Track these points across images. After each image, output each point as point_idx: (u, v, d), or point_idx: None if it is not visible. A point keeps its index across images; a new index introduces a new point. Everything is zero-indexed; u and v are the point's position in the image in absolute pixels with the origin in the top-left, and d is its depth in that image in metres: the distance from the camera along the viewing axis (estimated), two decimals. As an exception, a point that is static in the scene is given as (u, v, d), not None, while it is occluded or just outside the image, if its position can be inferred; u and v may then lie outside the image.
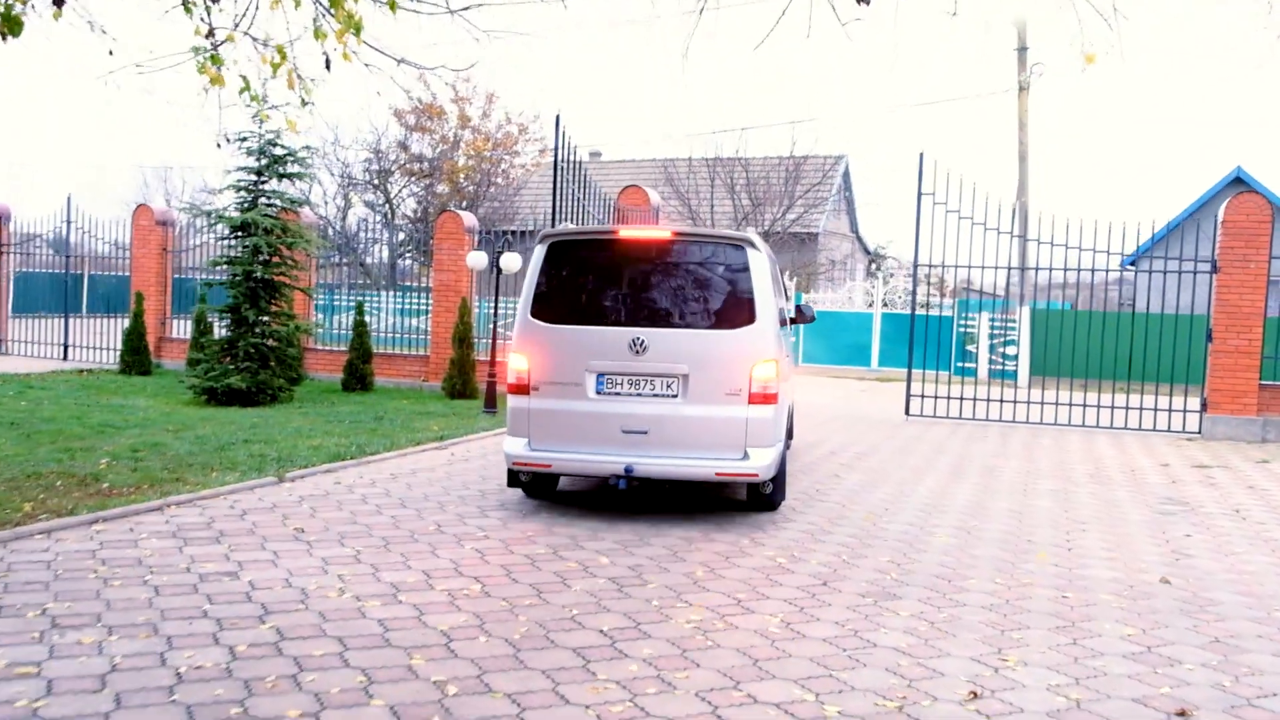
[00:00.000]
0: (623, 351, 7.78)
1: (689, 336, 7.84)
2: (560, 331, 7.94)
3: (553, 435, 7.90)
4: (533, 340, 7.99)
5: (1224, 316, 14.41)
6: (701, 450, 7.72)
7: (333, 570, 6.26)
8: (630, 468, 7.68)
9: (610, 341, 7.82)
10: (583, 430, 7.84)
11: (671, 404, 7.75)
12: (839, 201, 38.30)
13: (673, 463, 7.74)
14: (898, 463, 11.37)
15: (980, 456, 12.10)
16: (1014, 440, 13.76)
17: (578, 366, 7.85)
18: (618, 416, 7.78)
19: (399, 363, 18.43)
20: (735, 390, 7.69)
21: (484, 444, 11.73)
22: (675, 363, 7.74)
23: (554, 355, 7.93)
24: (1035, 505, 9.16)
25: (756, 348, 7.77)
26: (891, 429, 14.59)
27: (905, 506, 8.90)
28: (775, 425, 7.90)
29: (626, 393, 7.82)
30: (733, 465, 7.70)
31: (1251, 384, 14.38)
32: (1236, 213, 14.30)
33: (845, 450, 12.20)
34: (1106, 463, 11.97)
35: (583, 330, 7.92)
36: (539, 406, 7.93)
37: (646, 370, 7.77)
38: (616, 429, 7.78)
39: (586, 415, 7.84)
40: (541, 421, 7.92)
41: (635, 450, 7.75)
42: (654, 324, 7.87)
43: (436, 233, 17.84)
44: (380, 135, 39.31)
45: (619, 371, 7.81)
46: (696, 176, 34.61)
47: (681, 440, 7.73)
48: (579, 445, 7.85)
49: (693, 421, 7.71)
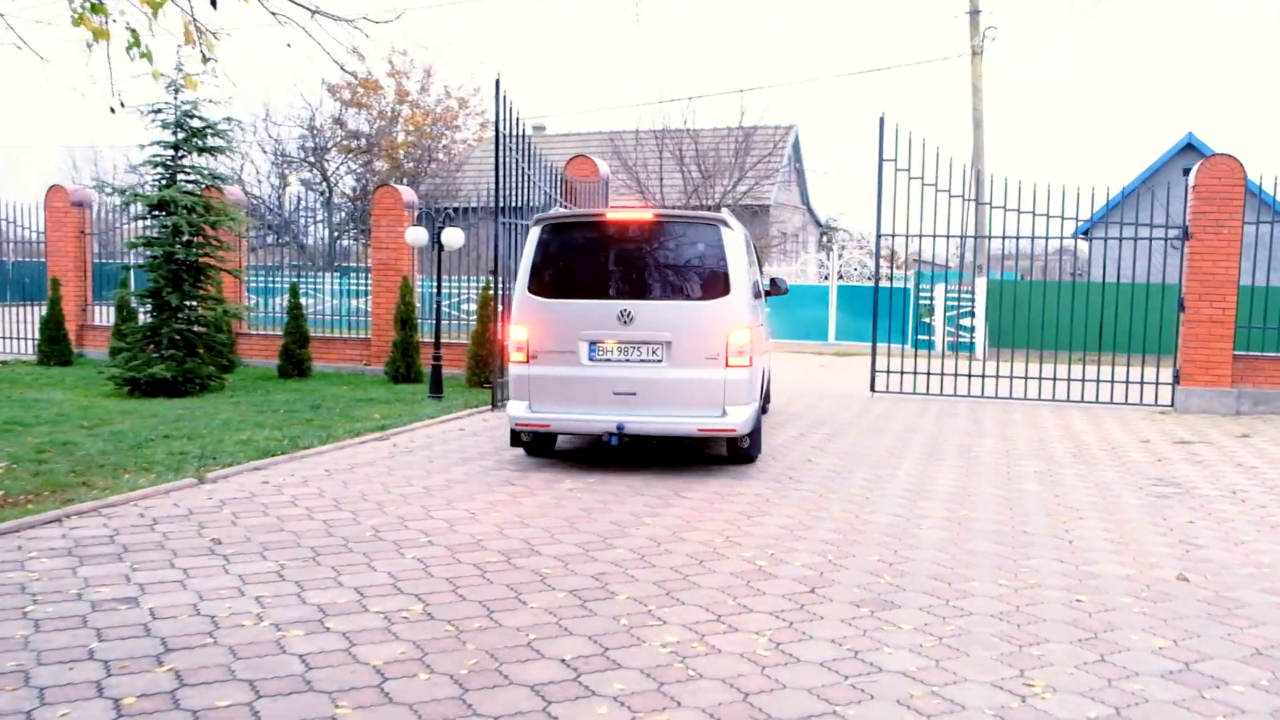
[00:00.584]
0: (612, 322, 8.61)
1: (671, 307, 8.64)
2: (555, 305, 8.78)
3: (550, 398, 8.77)
4: (530, 313, 8.84)
5: (1196, 285, 13.91)
6: (685, 409, 8.58)
7: (250, 591, 5.44)
8: (622, 425, 8.57)
9: (600, 313, 8.65)
10: (577, 393, 8.70)
11: (657, 368, 8.60)
12: (789, 173, 37.64)
13: (659, 420, 8.62)
14: (871, 444, 10.71)
15: (954, 435, 11.48)
16: (985, 417, 13.18)
17: (572, 336, 8.69)
18: (609, 380, 8.64)
19: (339, 347, 17.50)
20: (714, 355, 8.53)
21: (429, 433, 10.91)
22: (659, 331, 8.58)
23: (550, 326, 8.75)
24: (1023, 490, 8.54)
25: (732, 316, 8.58)
26: (859, 406, 13.95)
27: (886, 494, 8.23)
28: (750, 386, 8.71)
29: (616, 359, 8.66)
30: (713, 421, 8.56)
31: (1225, 354, 13.91)
32: (1209, 176, 13.78)
33: (814, 431, 11.52)
34: (1085, 439, 11.40)
35: (575, 303, 8.75)
36: (538, 373, 8.79)
37: (634, 338, 8.61)
38: (608, 391, 8.63)
39: (581, 380, 8.69)
40: (540, 386, 8.79)
41: (625, 410, 8.63)
42: (639, 296, 8.67)
43: (374, 209, 16.90)
44: (314, 111, 37.99)
45: (609, 340, 8.65)
46: (644, 149, 33.76)
47: (667, 400, 8.59)
48: (574, 406, 8.73)
49: (676, 383, 8.58)
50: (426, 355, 15.10)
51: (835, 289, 27.57)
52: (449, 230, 13.39)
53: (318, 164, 37.98)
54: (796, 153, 37.81)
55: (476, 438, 10.69)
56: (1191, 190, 13.95)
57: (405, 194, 16.72)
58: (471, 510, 7.40)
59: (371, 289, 17.01)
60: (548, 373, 8.77)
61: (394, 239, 16.33)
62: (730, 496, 8.05)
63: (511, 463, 9.30)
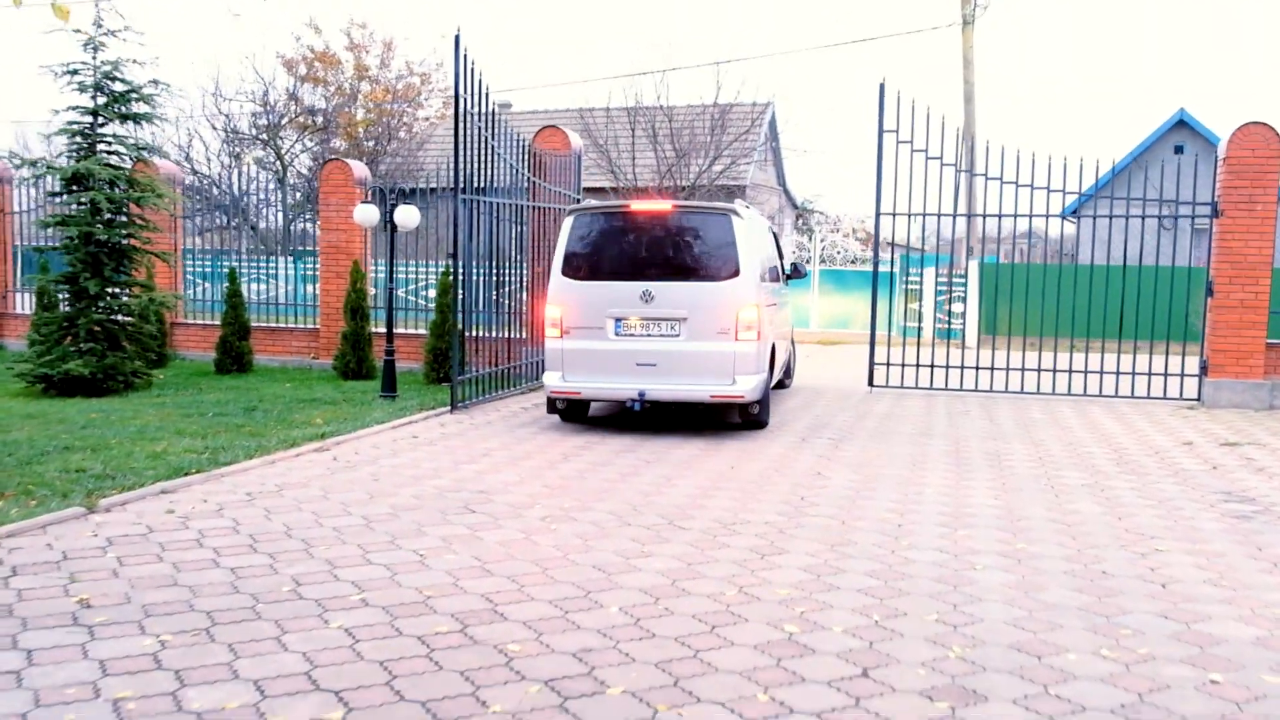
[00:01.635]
0: (635, 301, 9.67)
1: (687, 288, 9.65)
2: (585, 286, 9.86)
3: (581, 369, 9.84)
4: (564, 294, 9.93)
5: (1227, 266, 12.66)
6: (699, 378, 9.57)
7: (107, 688, 4.00)
8: (643, 393, 9.59)
9: (625, 293, 9.70)
10: (605, 364, 9.75)
11: (675, 341, 9.64)
12: (765, 152, 36.25)
13: (676, 388, 9.63)
14: (885, 452, 9.37)
15: (975, 439, 10.17)
16: (1001, 415, 11.88)
17: (599, 314, 9.76)
18: (632, 353, 9.68)
19: (285, 338, 15.99)
20: (725, 330, 9.53)
21: (377, 441, 9.47)
22: (676, 309, 9.61)
23: (581, 305, 9.83)
24: (1078, 511, 7.21)
25: (741, 296, 9.58)
26: (859, 404, 12.61)
27: (921, 519, 6.88)
28: (758, 358, 9.70)
29: (639, 333, 9.72)
30: (724, 389, 9.56)
31: (1258, 343, 12.67)
32: (1241, 147, 12.51)
33: (817, 436, 10.17)
34: (1120, 442, 10.13)
35: (603, 285, 9.81)
36: (570, 347, 9.88)
37: (654, 315, 9.66)
38: (631, 363, 9.67)
39: (607, 352, 9.74)
40: (572, 358, 9.87)
41: (646, 379, 9.62)
42: (659, 278, 9.69)
43: (322, 186, 15.38)
44: (268, 86, 36.19)
45: (632, 316, 9.71)
46: (616, 126, 32.25)
47: (683, 370, 9.61)
48: (602, 376, 9.78)
49: (691, 355, 9.59)
50: (379, 348, 13.62)
51: (816, 274, 26.26)
52: (403, 208, 11.91)
53: (271, 142, 36.18)
54: (773, 131, 36.40)
55: (432, 448, 9.26)
56: (1221, 163, 12.68)
57: (356, 169, 15.20)
58: (420, 551, 5.97)
59: (320, 274, 15.50)
60: (579, 346, 9.85)
61: (344, 219, 14.83)
62: (731, 537, 6.68)
63: (472, 481, 7.89)
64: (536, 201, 13.57)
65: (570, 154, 14.31)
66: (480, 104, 11.51)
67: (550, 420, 10.84)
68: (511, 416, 11.15)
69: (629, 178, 31.34)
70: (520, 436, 9.91)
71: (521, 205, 13.12)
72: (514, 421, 10.80)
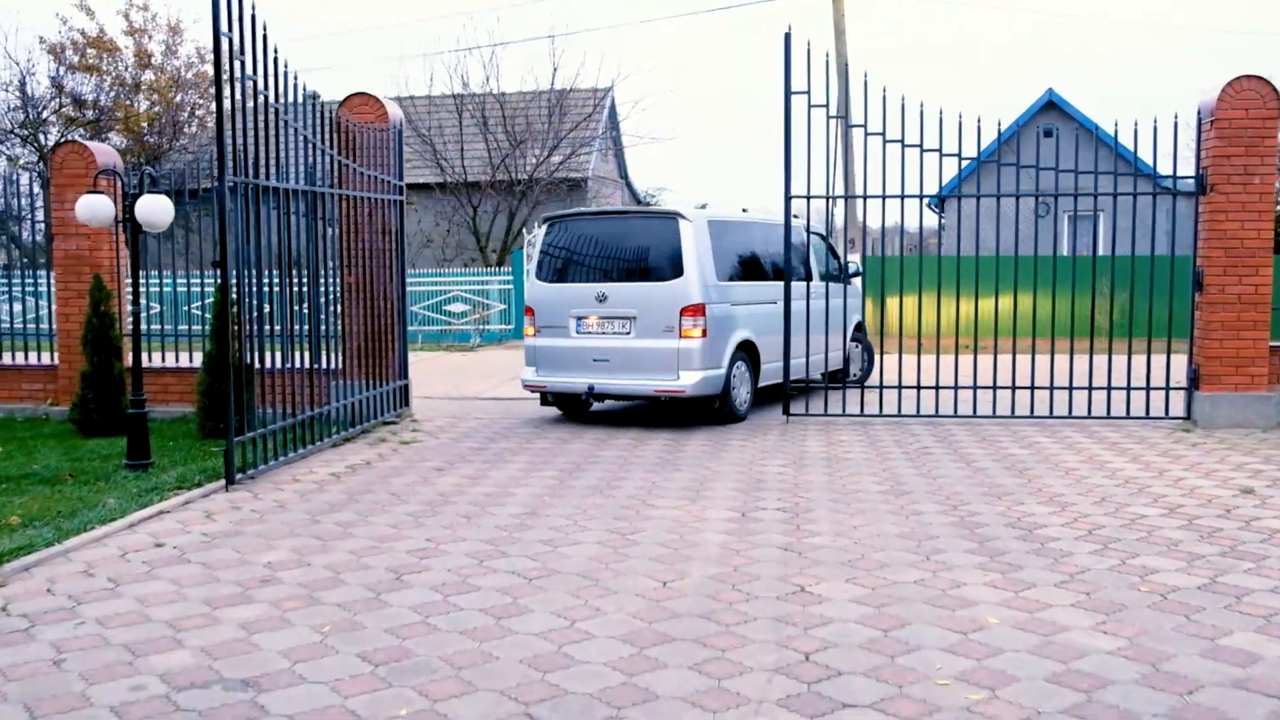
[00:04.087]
0: (591, 301, 10.56)
1: (636, 288, 10.42)
2: (552, 288, 10.91)
3: (549, 364, 10.87)
4: (537, 296, 11.02)
5: (1220, 254, 10.26)
6: (646, 373, 10.29)
7: None
8: (592, 386, 10.49)
9: (583, 294, 10.64)
10: (567, 360, 10.72)
11: (625, 339, 10.43)
12: (606, 142, 33.30)
13: (625, 382, 10.44)
14: (871, 533, 6.39)
15: (974, 496, 7.33)
16: (970, 451, 9.14)
17: (563, 313, 10.76)
18: (589, 349, 10.58)
19: (11, 378, 12.09)
20: (670, 327, 10.17)
21: (98, 558, 5.95)
22: (627, 308, 10.41)
23: (549, 306, 10.88)
24: (1257, 655, 4.38)
25: (684, 295, 10.12)
26: (784, 443, 9.64)
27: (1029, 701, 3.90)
28: (702, 354, 10.13)
29: (595, 331, 10.60)
30: (668, 384, 10.19)
31: (1262, 347, 10.32)
32: (1234, 106, 10.11)
33: (759, 503, 7.14)
34: (1158, 490, 7.50)
35: (566, 287, 10.82)
36: (541, 344, 10.92)
37: (608, 314, 10.51)
38: (589, 359, 10.57)
39: (569, 349, 10.72)
40: (543, 354, 10.92)
41: (600, 374, 10.49)
42: (612, 279, 10.59)
43: (54, 177, 11.58)
44: (25, 74, 31.17)
45: (590, 316, 10.60)
46: (441, 114, 28.75)
47: (632, 365, 10.37)
48: (564, 370, 10.74)
49: (640, 351, 10.34)
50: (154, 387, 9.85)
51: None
52: (147, 200, 8.30)
53: (33, 138, 31.14)
54: (613, 119, 33.45)
55: (183, 567, 5.81)
56: (1210, 126, 10.26)
57: (100, 154, 11.44)
58: None
59: (56, 294, 11.69)
60: (548, 343, 10.74)
61: (83, 219, 11.04)
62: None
63: (233, 655, 4.53)
64: (346, 189, 10.18)
65: (389, 127, 10.92)
66: (256, 49, 8.09)
67: (372, 483, 7.52)
68: (317, 490, 7.76)
69: (458, 171, 27.90)
70: (328, 531, 6.56)
71: (324, 194, 9.70)
72: (320, 501, 7.41)
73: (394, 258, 11.02)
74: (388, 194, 10.85)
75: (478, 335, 23.08)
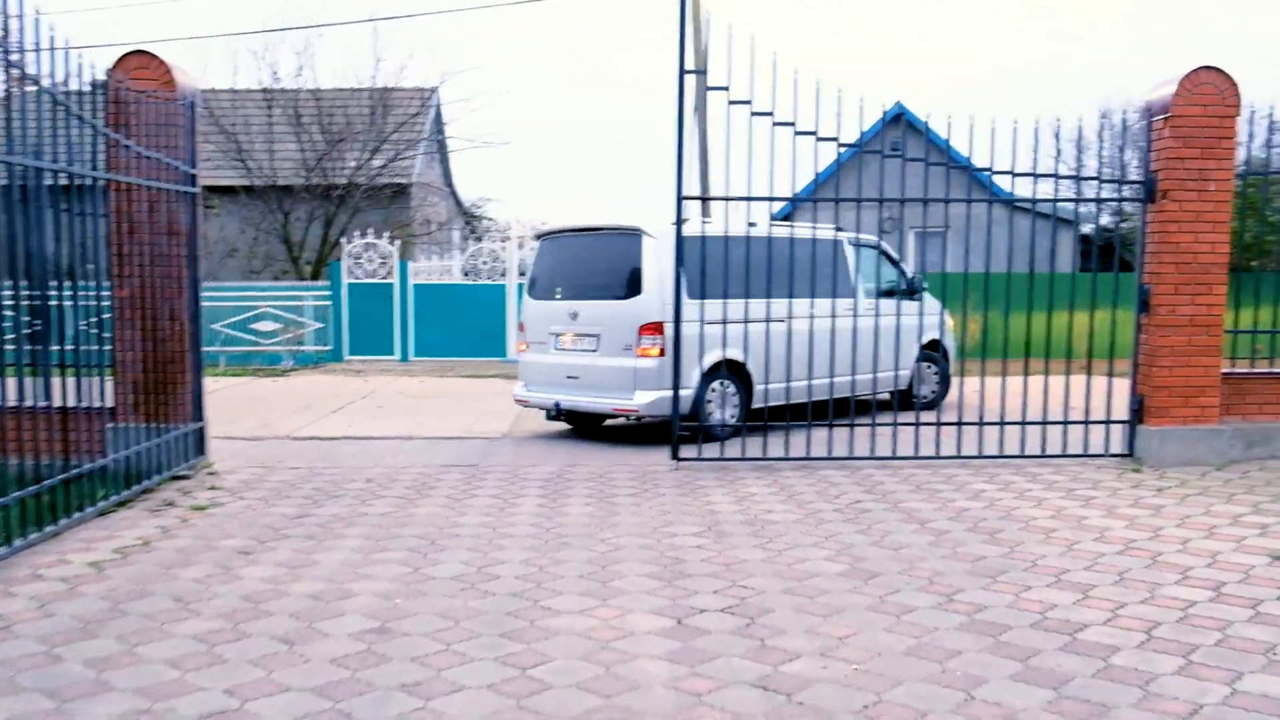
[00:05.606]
0: (565, 318, 10.60)
1: (601, 306, 10.34)
2: (537, 305, 11.04)
3: (533, 379, 11.02)
4: (525, 312, 11.20)
5: (1171, 269, 8.99)
6: (606, 390, 10.19)
7: None
8: (558, 403, 10.66)
9: (559, 311, 10.68)
10: (545, 375, 10.82)
11: (591, 356, 10.37)
12: (431, 145, 30.93)
13: (587, 399, 10.39)
14: (873, 666, 4.60)
15: (968, 582, 5.63)
16: (913, 504, 7.51)
17: (544, 330, 10.87)
18: (563, 366, 10.62)
19: None
20: (628, 346, 10.02)
21: None
22: (593, 326, 10.38)
23: (534, 322, 11.03)
24: None
25: (643, 313, 9.94)
26: (694, 510, 7.81)
27: None
28: (660, 374, 9.74)
29: (569, 348, 10.61)
30: (624, 402, 10.03)
31: (1213, 375, 9.09)
32: (1191, 102, 8.85)
33: (704, 623, 5.28)
34: (1171, 561, 5.98)
35: (546, 304, 10.90)
36: (528, 359, 11.12)
37: (579, 331, 10.50)
38: (562, 375, 10.61)
39: (547, 365, 10.80)
40: (528, 370, 11.13)
41: (568, 390, 10.54)
42: (583, 297, 10.54)
43: None
44: None
45: (566, 333, 10.62)
46: (248, 108, 25.90)
47: (596, 383, 10.30)
48: (543, 387, 10.83)
49: (603, 369, 10.26)
50: None
51: (514, 288, 21.37)
52: None
53: None
54: (439, 122, 31.13)
55: None
56: (1163, 124, 8.98)
57: None
58: None
59: None
60: (532, 359, 11.07)
61: None
62: None
63: None
64: (120, 174, 7.84)
65: (179, 98, 8.59)
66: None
67: (150, 580, 5.28)
68: (66, 595, 5.44)
69: (266, 172, 25.14)
70: (72, 682, 4.30)
71: (86, 179, 7.34)
72: (68, 616, 5.11)
73: (184, 266, 8.69)
74: (175, 183, 8.52)
75: (290, 358, 20.47)
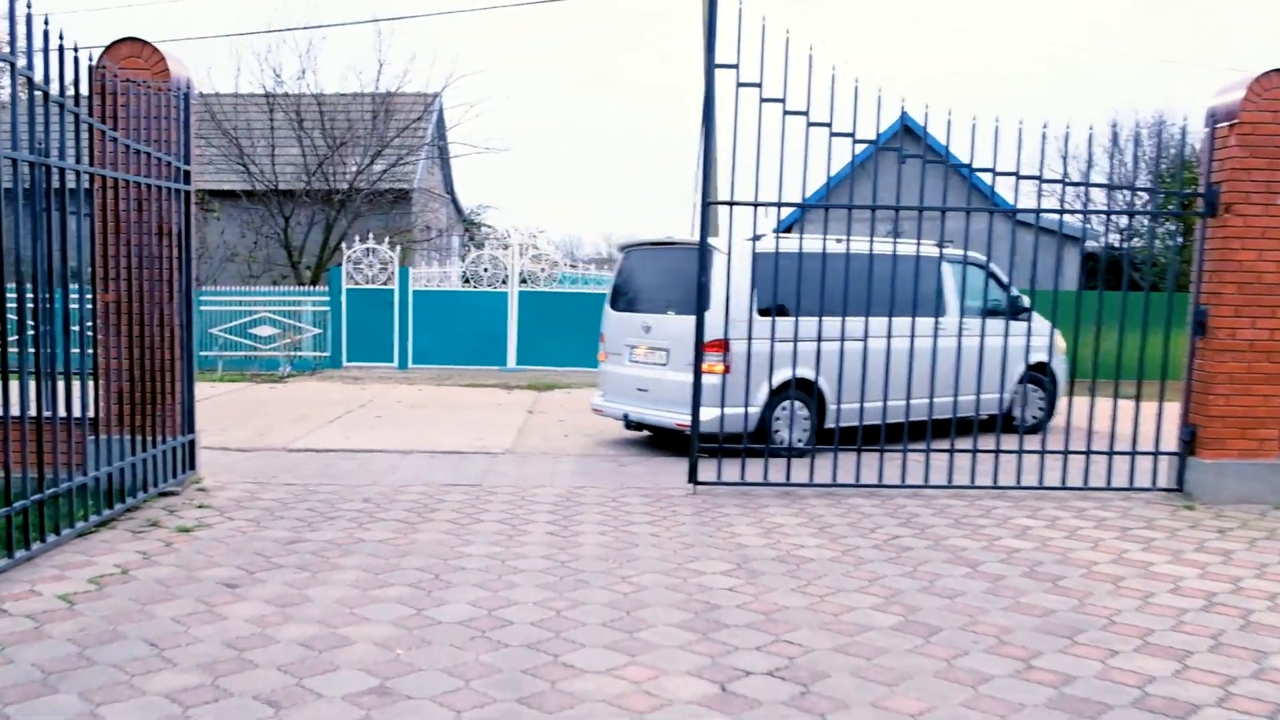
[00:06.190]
0: (640, 331, 10.75)
1: (671, 321, 10.37)
2: (616, 316, 11.22)
3: (609, 390, 11.22)
4: (606, 323, 11.37)
5: (1233, 290, 8.41)
6: (672, 404, 10.08)
7: None
8: (627, 415, 10.82)
9: (635, 324, 10.86)
10: (619, 386, 11.00)
11: (661, 370, 10.44)
12: (433, 152, 30.39)
13: (654, 413, 10.42)
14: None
15: (1043, 642, 5.04)
16: (956, 541, 6.90)
17: (621, 341, 11.06)
18: (634, 378, 10.77)
19: None
20: (692, 361, 8.88)
21: None
22: (663, 340, 10.46)
23: (613, 333, 11.24)
24: None
25: (710, 329, 9.22)
26: (719, 543, 7.21)
27: None
28: (722, 391, 9.12)
29: (642, 361, 10.74)
30: (686, 417, 9.33)
31: (1273, 405, 8.50)
32: (1261, 108, 8.25)
33: (751, 689, 4.68)
34: (1268, 623, 5.39)
35: (624, 315, 11.08)
36: (606, 370, 11.33)
37: (651, 345, 10.60)
38: (634, 387, 10.76)
39: (622, 376, 10.96)
40: (605, 380, 11.33)
41: (638, 402, 10.68)
42: (655, 310, 10.65)
43: None
44: None
45: (640, 345, 10.76)
46: (250, 111, 25.35)
47: (663, 397, 10.33)
48: (616, 397, 11.05)
49: (670, 384, 10.22)
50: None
51: (516, 296, 20.81)
52: None
53: None
54: (441, 128, 30.59)
55: None
56: (1229, 131, 8.39)
57: None
58: None
59: None
60: (610, 370, 11.24)
61: None
62: None
63: None
64: (106, 169, 7.25)
65: (171, 88, 8.00)
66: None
67: (125, 617, 4.69)
68: (32, 635, 4.82)
69: (268, 177, 24.58)
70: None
71: (69, 173, 6.75)
72: (25, 663, 4.51)
73: (176, 268, 8.10)
74: (168, 180, 7.92)
75: (288, 364, 19.87)
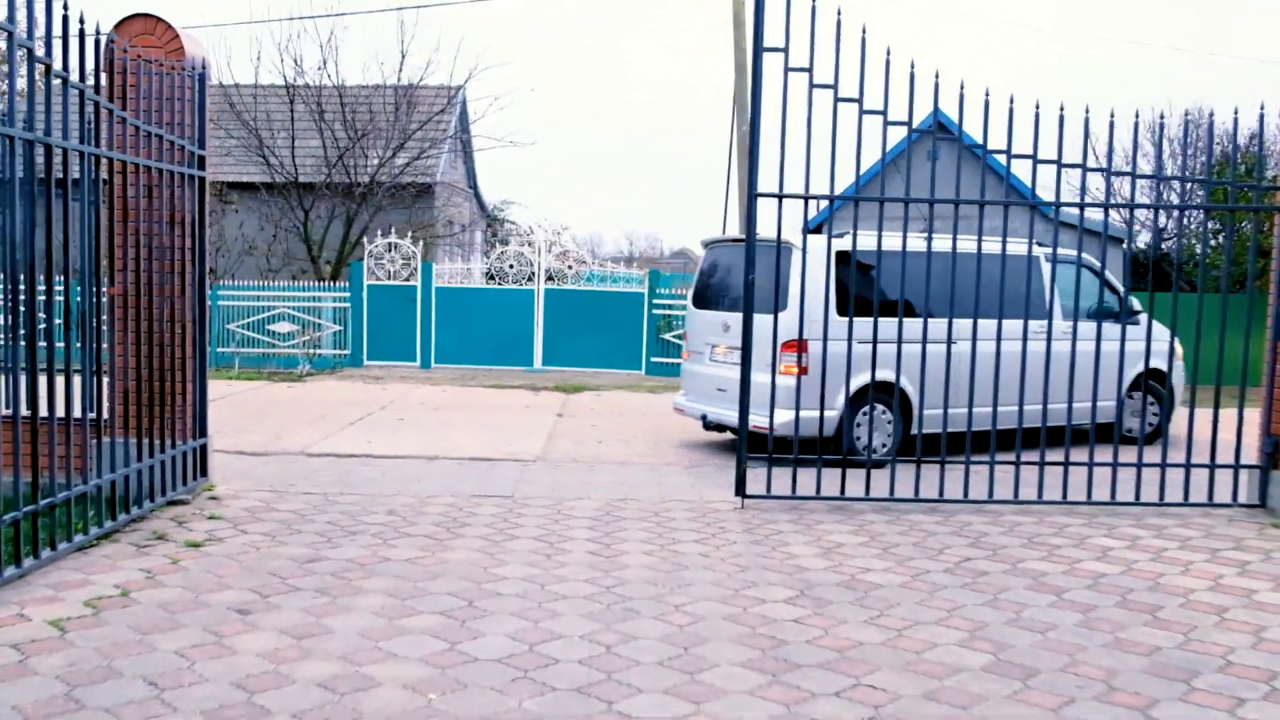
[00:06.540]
0: (719, 330, 10.53)
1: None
2: (697, 314, 11.09)
3: (690, 389, 11.07)
4: (689, 321, 11.36)
5: (1318, 291, 7.79)
6: (751, 407, 8.50)
7: None
8: (705, 415, 10.52)
9: (715, 322, 10.65)
10: (700, 386, 10.82)
11: (737, 370, 9.14)
12: (455, 145, 29.89)
13: (731, 413, 9.55)
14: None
15: (1159, 690, 4.47)
16: (1032, 564, 6.32)
17: (701, 340, 10.92)
18: (715, 378, 10.50)
19: None
20: (769, 362, 8.60)
21: None
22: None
23: (695, 332, 11.14)
24: None
25: (785, 329, 8.98)
26: (776, 564, 6.65)
27: None
28: (796, 393, 8.53)
29: (721, 360, 10.52)
30: (762, 420, 8.81)
31: (1367, 417, 7.88)
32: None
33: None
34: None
35: (704, 314, 10.94)
36: (687, 368, 11.22)
37: (729, 344, 10.33)
38: (713, 387, 10.48)
39: (702, 375, 10.79)
40: (686, 379, 11.24)
41: (716, 402, 10.37)
42: (734, 309, 10.12)
43: None
44: None
45: (720, 344, 10.56)
46: (270, 102, 24.89)
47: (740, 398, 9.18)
48: (696, 397, 10.85)
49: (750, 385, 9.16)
50: None
51: (542, 293, 20.27)
52: None
53: None
54: (464, 121, 30.08)
55: None
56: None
57: None
58: None
59: None
60: (691, 369, 11.11)
61: None
62: None
63: None
64: (117, 152, 6.73)
65: (186, 67, 7.48)
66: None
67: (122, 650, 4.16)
68: (16, 671, 4.32)
69: (288, 169, 24.11)
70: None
71: (72, 155, 6.23)
72: (5, 707, 4.01)
73: (189, 259, 7.58)
74: (180, 165, 7.41)
75: (307, 362, 19.38)
